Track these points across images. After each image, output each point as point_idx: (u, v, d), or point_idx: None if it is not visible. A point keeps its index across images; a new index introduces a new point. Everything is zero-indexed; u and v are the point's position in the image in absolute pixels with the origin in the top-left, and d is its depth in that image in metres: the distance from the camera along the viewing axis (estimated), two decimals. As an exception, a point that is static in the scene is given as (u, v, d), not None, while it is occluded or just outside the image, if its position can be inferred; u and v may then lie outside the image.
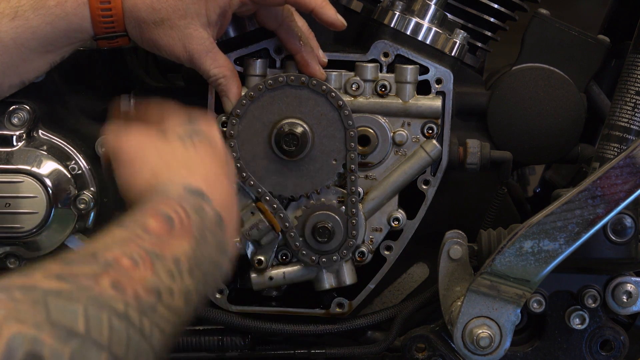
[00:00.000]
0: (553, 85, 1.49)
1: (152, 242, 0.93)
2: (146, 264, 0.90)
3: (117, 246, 0.91)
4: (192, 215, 0.99)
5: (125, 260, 0.89)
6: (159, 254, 0.93)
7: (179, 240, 0.96)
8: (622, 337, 1.43)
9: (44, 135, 1.44)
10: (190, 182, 1.04)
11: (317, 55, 1.39)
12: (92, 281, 0.85)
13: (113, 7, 1.30)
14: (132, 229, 0.94)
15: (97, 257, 0.88)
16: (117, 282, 0.86)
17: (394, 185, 1.43)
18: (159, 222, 0.96)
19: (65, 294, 0.82)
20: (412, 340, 1.43)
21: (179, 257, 0.94)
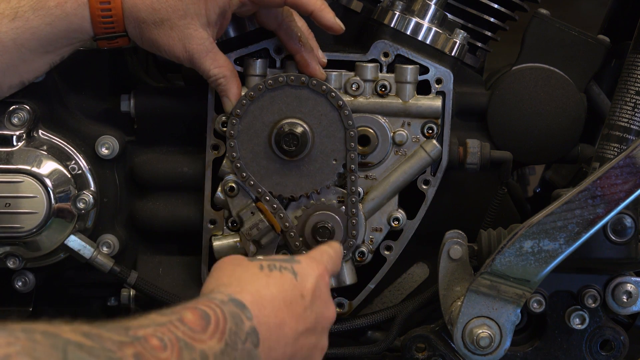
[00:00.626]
0: (553, 85, 1.49)
1: (184, 332, 0.94)
2: (174, 349, 0.91)
3: (150, 327, 0.91)
4: (228, 319, 1.00)
5: (154, 340, 0.89)
6: (188, 344, 0.93)
7: (211, 338, 0.96)
8: (622, 337, 1.43)
9: (44, 135, 1.44)
10: (236, 295, 1.05)
11: (317, 56, 1.39)
12: (116, 347, 0.85)
13: (113, 7, 1.30)
14: (169, 317, 0.95)
15: (129, 330, 0.89)
16: (140, 355, 0.86)
17: (394, 185, 1.43)
18: (196, 316, 0.97)
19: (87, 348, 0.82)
20: (412, 340, 1.43)
21: (206, 353, 0.95)
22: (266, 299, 1.07)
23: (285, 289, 1.10)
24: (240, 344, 1.00)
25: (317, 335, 1.14)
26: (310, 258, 1.19)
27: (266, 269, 1.11)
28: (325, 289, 1.17)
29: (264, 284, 1.09)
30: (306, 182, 1.40)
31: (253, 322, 1.03)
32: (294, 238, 1.41)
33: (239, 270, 1.11)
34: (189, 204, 1.47)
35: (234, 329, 0.99)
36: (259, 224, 1.40)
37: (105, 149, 1.46)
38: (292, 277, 1.12)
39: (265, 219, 1.40)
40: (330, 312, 1.17)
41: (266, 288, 1.08)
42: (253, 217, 1.40)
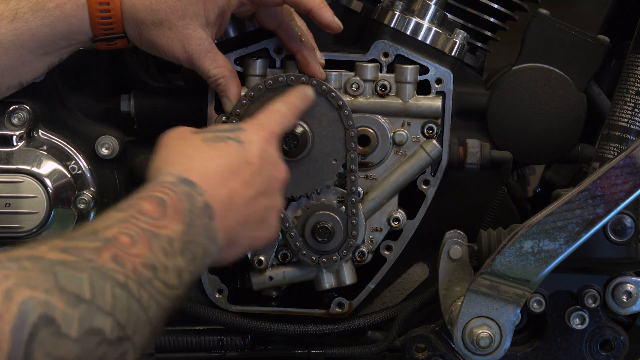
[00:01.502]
0: (553, 85, 1.49)
1: (147, 222, 0.99)
2: (143, 241, 0.96)
3: (115, 226, 0.96)
4: (182, 200, 1.04)
5: (123, 237, 0.95)
6: (155, 232, 0.98)
7: (172, 221, 1.01)
8: (622, 337, 1.43)
9: (44, 135, 1.44)
10: (184, 173, 1.08)
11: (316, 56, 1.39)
12: (94, 254, 0.91)
13: (112, 8, 1.30)
14: (129, 211, 1.00)
15: (98, 234, 0.95)
16: (117, 257, 0.92)
17: (394, 185, 1.43)
18: (153, 205, 1.01)
19: (71, 264, 0.88)
20: (412, 340, 1.43)
21: (172, 237, 1.00)
22: (213, 172, 1.11)
23: (230, 159, 1.14)
24: (198, 220, 1.05)
25: (268, 196, 1.18)
26: (255, 124, 1.22)
27: (209, 141, 1.15)
28: (273, 151, 1.20)
29: (209, 157, 1.13)
30: (306, 182, 1.40)
31: (205, 197, 1.07)
32: (294, 238, 1.41)
33: (184, 144, 1.14)
34: (189, 204, 1.47)
35: (189, 207, 1.04)
36: (259, 224, 1.40)
37: (105, 149, 1.46)
38: (236, 145, 1.16)
39: (265, 219, 1.40)
40: (279, 173, 1.21)
41: (211, 161, 1.12)
42: (253, 217, 1.40)
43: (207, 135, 1.16)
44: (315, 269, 1.43)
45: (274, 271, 1.44)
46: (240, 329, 1.46)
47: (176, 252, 1.00)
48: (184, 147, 1.14)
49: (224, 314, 1.46)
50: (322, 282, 1.44)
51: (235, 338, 1.47)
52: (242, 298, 1.47)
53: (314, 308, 1.47)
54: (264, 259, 1.42)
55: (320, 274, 1.44)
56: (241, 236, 1.14)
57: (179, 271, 0.99)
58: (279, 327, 1.45)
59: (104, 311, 0.88)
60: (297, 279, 1.44)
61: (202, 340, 1.47)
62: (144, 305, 0.93)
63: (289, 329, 1.46)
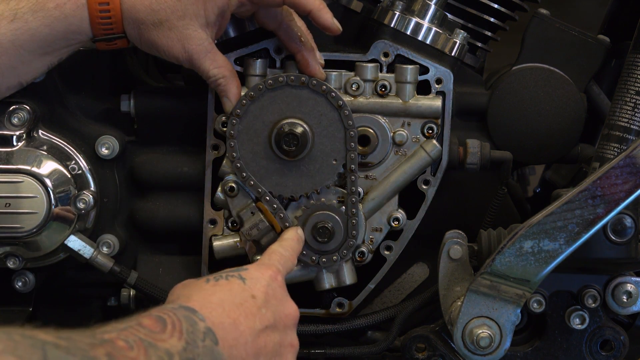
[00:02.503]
0: (553, 85, 1.49)
1: (146, 334, 0.97)
2: (140, 349, 0.95)
3: (114, 331, 0.95)
4: (182, 321, 1.03)
5: (120, 342, 0.93)
6: (152, 343, 0.97)
7: (171, 337, 1.00)
8: (622, 337, 1.43)
9: (44, 135, 1.44)
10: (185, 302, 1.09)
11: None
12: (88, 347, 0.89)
13: (112, 8, 1.30)
14: (128, 323, 0.99)
15: (95, 335, 0.93)
16: (112, 355, 0.90)
17: (394, 185, 1.43)
18: (152, 321, 1.01)
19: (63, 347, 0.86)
20: (412, 340, 1.43)
21: (170, 351, 0.98)
22: (215, 303, 1.11)
23: (233, 293, 1.14)
24: (200, 342, 1.03)
25: (279, 332, 1.17)
26: (257, 264, 1.23)
27: (212, 280, 1.16)
28: (280, 289, 1.20)
29: (211, 292, 1.13)
30: (306, 182, 1.40)
31: (207, 323, 1.06)
32: (294, 238, 1.41)
33: (187, 287, 1.15)
34: (189, 204, 1.47)
35: (190, 329, 1.03)
36: (259, 224, 1.40)
37: (105, 149, 1.46)
38: (239, 282, 1.16)
39: (265, 219, 1.40)
40: (289, 310, 1.20)
41: (213, 295, 1.12)
42: (253, 217, 1.40)
43: (210, 276, 1.17)
44: (315, 269, 1.43)
45: (274, 271, 1.44)
46: (240, 329, 1.46)
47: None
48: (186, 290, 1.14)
49: (224, 314, 1.45)
50: (322, 282, 1.44)
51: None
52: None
53: (314, 308, 1.47)
54: (264, 259, 1.42)
55: (320, 274, 1.44)
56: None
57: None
58: (279, 327, 1.45)
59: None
60: (297, 279, 1.44)
61: (202, 340, 1.47)
62: None
63: (289, 329, 1.46)
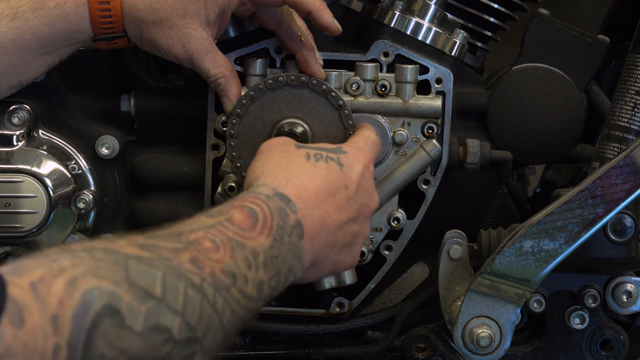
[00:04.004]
0: (553, 85, 1.49)
1: (234, 232, 0.99)
2: (226, 249, 0.96)
3: (201, 230, 0.97)
4: (274, 214, 1.05)
5: (207, 242, 0.95)
6: (239, 242, 0.98)
7: (260, 234, 1.01)
8: (622, 337, 1.43)
9: (44, 135, 1.44)
10: (281, 188, 1.09)
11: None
12: (172, 254, 0.91)
13: (112, 7, 1.30)
14: (218, 218, 1.00)
15: (181, 236, 0.94)
16: (196, 259, 0.92)
17: (394, 185, 1.42)
18: (244, 215, 1.02)
19: (146, 260, 0.88)
20: (412, 340, 1.43)
21: (257, 250, 1.00)
22: (310, 192, 1.12)
23: (330, 181, 1.15)
24: (286, 237, 1.05)
25: (359, 223, 1.19)
26: (356, 148, 1.23)
27: (312, 158, 1.16)
28: (370, 178, 1.22)
29: (310, 175, 1.13)
30: (306, 182, 1.40)
31: (297, 216, 1.08)
32: (294, 238, 1.41)
33: (286, 157, 1.15)
34: (189, 203, 1.47)
35: (280, 224, 1.05)
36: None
37: (105, 149, 1.46)
38: (337, 167, 1.17)
39: (265, 219, 1.40)
40: (373, 202, 1.22)
41: (311, 180, 1.13)
42: (253, 217, 1.40)
43: (311, 152, 1.17)
44: (315, 269, 1.43)
45: (274, 271, 1.44)
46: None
47: (259, 265, 0.99)
48: (286, 161, 1.14)
49: (224, 314, 1.45)
50: (322, 281, 1.44)
51: (235, 338, 1.47)
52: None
53: (314, 308, 1.47)
54: (264, 258, 1.42)
55: (320, 273, 1.44)
56: (326, 259, 1.15)
57: (259, 284, 0.99)
58: (279, 327, 1.45)
59: (174, 310, 0.87)
60: (297, 278, 1.44)
61: (202, 340, 1.47)
62: (218, 310, 0.92)
63: (289, 329, 1.46)
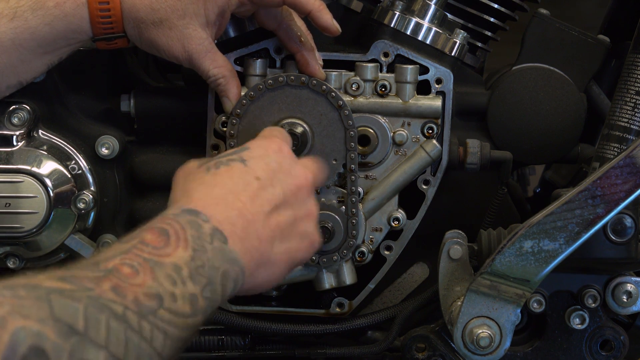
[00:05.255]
0: (553, 85, 1.49)
1: (149, 252, 0.97)
2: (146, 271, 0.94)
3: (117, 257, 0.95)
4: (186, 228, 1.02)
5: (125, 268, 0.93)
6: (157, 261, 0.96)
7: (176, 249, 0.99)
8: (622, 337, 1.43)
9: (44, 135, 1.44)
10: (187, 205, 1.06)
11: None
12: (93, 284, 0.89)
13: (112, 7, 1.30)
14: (131, 242, 0.98)
15: (99, 266, 0.93)
16: (117, 287, 0.90)
17: (394, 185, 1.43)
18: (155, 235, 0.99)
19: (68, 292, 0.86)
20: (412, 340, 1.43)
21: (178, 264, 0.97)
22: (216, 198, 1.08)
23: (235, 180, 1.11)
24: (207, 245, 1.02)
25: (292, 206, 1.15)
26: (259, 139, 1.20)
27: (212, 169, 1.12)
28: (287, 159, 1.17)
29: (211, 185, 1.10)
30: (306, 182, 1.40)
31: (212, 223, 1.04)
32: (294, 238, 1.41)
33: (188, 180, 1.12)
34: (189, 204, 1.47)
35: (196, 235, 1.01)
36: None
37: (105, 149, 1.46)
38: (240, 165, 1.13)
39: (265, 219, 1.40)
40: (298, 179, 1.17)
41: (214, 188, 1.10)
42: (253, 217, 1.40)
43: (211, 163, 1.14)
44: (315, 269, 1.43)
45: (274, 271, 1.44)
46: (240, 329, 1.46)
47: (185, 278, 0.97)
48: (189, 183, 1.12)
49: (224, 314, 1.46)
50: (322, 282, 1.44)
51: (235, 338, 1.47)
52: (242, 298, 1.47)
53: (314, 308, 1.47)
54: (264, 259, 1.42)
55: (320, 273, 1.44)
56: (272, 254, 1.11)
57: (191, 298, 0.96)
58: (279, 327, 1.45)
59: (97, 344, 0.85)
60: (297, 278, 1.44)
61: (202, 340, 1.47)
62: (146, 337, 0.90)
63: (289, 329, 1.46)
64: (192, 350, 1.47)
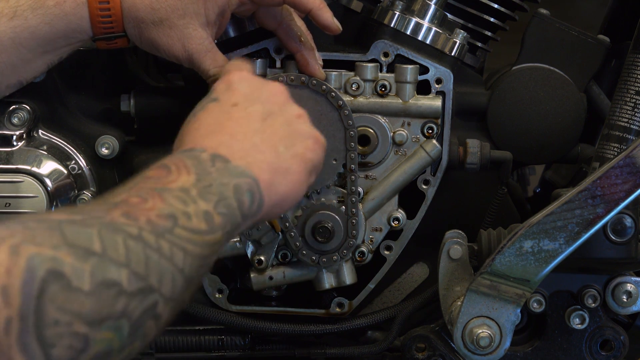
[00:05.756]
0: (553, 85, 1.49)
1: (155, 182, 0.98)
2: (154, 197, 0.94)
3: (124, 192, 0.95)
4: (185, 159, 1.02)
5: (133, 198, 0.94)
6: (163, 187, 0.97)
7: (179, 175, 0.99)
8: (622, 337, 1.43)
9: (44, 135, 1.44)
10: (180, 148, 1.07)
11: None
12: (103, 213, 0.90)
13: (112, 7, 1.29)
14: (134, 180, 0.99)
15: (107, 200, 0.94)
16: (129, 213, 0.91)
17: (394, 185, 1.43)
18: (156, 169, 1.00)
19: (79, 221, 0.87)
20: (412, 340, 1.43)
21: (185, 187, 0.98)
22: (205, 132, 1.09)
23: (215, 115, 1.12)
24: (210, 168, 1.02)
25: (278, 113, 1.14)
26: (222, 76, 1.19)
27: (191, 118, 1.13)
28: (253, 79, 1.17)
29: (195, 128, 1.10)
30: (306, 182, 1.40)
31: (208, 152, 1.05)
32: (294, 238, 1.41)
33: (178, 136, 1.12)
34: (189, 204, 1.47)
35: (196, 162, 1.02)
36: (259, 224, 1.40)
37: (105, 149, 1.46)
38: (214, 103, 1.14)
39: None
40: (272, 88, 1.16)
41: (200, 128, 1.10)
42: (253, 217, 1.40)
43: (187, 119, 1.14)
44: (315, 269, 1.43)
45: (274, 271, 1.44)
46: (240, 329, 1.46)
47: (195, 197, 0.97)
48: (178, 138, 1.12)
49: (224, 314, 1.46)
50: (322, 282, 1.44)
51: (235, 338, 1.47)
52: (242, 298, 1.47)
53: (314, 308, 1.47)
54: (264, 258, 1.42)
55: (320, 273, 1.44)
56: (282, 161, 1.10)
57: (205, 214, 0.96)
58: (279, 327, 1.45)
59: (118, 263, 0.85)
60: (297, 278, 1.44)
61: (202, 340, 1.47)
62: (165, 254, 0.90)
63: (289, 329, 1.46)
64: (192, 350, 1.47)
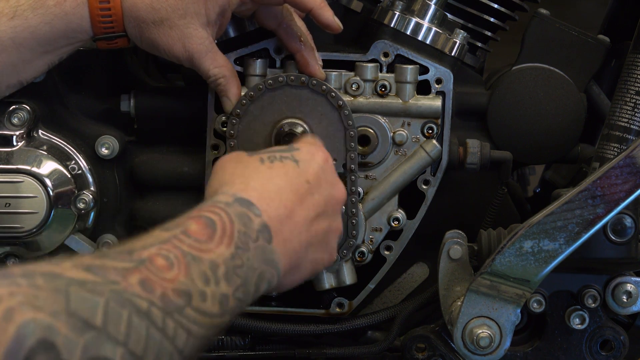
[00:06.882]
0: (553, 85, 1.49)
1: (190, 245, 0.94)
2: (181, 265, 0.91)
3: (155, 245, 0.91)
4: (235, 221, 1.00)
5: (160, 260, 0.90)
6: (195, 256, 0.93)
7: (219, 245, 0.96)
8: (622, 337, 1.43)
9: (44, 135, 1.44)
10: (241, 193, 1.05)
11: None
12: (120, 276, 0.86)
13: (112, 6, 1.29)
14: (173, 231, 0.95)
15: (132, 254, 0.89)
16: (146, 281, 0.87)
17: (394, 185, 1.43)
18: (201, 226, 0.97)
19: (90, 285, 0.83)
20: (412, 340, 1.43)
21: (216, 262, 0.95)
22: (272, 192, 1.07)
23: (289, 178, 1.10)
24: (251, 243, 1.00)
25: (328, 218, 1.15)
26: (308, 144, 1.20)
27: (267, 161, 1.11)
28: (330, 170, 1.18)
29: (268, 176, 1.09)
30: (306, 182, 1.40)
31: (262, 218, 1.03)
32: (294, 238, 1.41)
33: (241, 167, 1.10)
34: (189, 204, 1.45)
35: (243, 230, 0.99)
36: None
37: (105, 149, 1.46)
38: (294, 164, 1.13)
39: (265, 219, 1.40)
40: (338, 193, 1.18)
41: (270, 180, 1.08)
42: (253, 217, 1.40)
43: (264, 155, 1.13)
44: (315, 269, 1.43)
45: (274, 271, 1.44)
46: (240, 329, 1.46)
47: (220, 278, 0.94)
48: (241, 169, 1.10)
49: (224, 314, 1.45)
50: (322, 282, 1.44)
51: (235, 338, 1.47)
52: (242, 298, 1.47)
53: (314, 308, 1.47)
54: (264, 259, 1.42)
55: (320, 273, 1.44)
56: (304, 260, 1.11)
57: (222, 298, 0.94)
58: (279, 327, 1.45)
59: (115, 340, 0.81)
60: (297, 278, 1.44)
61: (202, 340, 1.47)
62: (169, 335, 0.87)
63: (289, 329, 1.46)
64: (192, 350, 1.47)
